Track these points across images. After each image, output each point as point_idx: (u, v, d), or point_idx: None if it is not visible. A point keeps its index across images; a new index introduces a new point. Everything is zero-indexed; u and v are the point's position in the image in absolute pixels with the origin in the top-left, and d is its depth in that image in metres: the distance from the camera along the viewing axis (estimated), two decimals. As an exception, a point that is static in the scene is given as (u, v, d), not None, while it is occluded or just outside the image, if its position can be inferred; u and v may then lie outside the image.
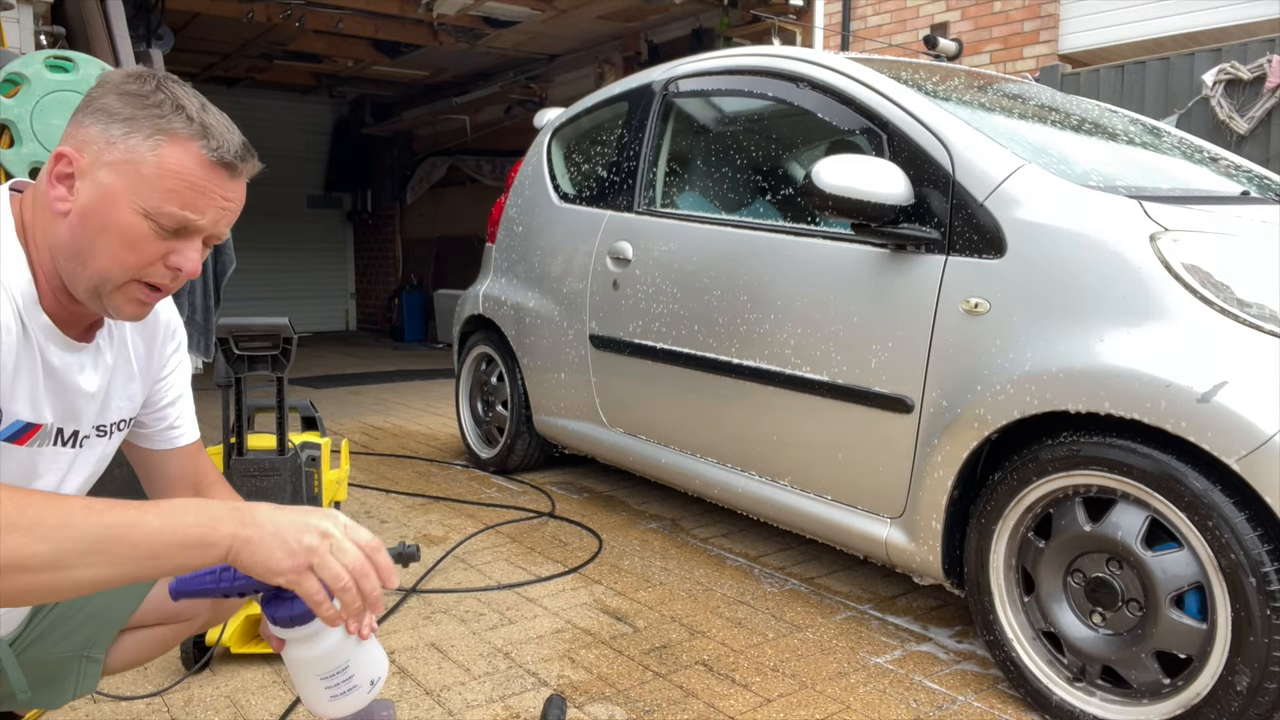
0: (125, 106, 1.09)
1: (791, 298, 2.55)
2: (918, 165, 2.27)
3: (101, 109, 1.10)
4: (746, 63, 2.99)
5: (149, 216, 1.09)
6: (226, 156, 1.12)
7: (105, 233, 1.09)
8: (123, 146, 1.08)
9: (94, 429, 1.27)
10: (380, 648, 1.21)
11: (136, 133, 1.09)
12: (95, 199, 1.09)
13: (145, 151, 1.08)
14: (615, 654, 2.25)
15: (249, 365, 2.18)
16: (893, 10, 7.10)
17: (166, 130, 1.09)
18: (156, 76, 1.13)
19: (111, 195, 1.09)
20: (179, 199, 1.10)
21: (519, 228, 3.89)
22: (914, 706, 2.01)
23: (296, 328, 2.21)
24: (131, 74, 1.13)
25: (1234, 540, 1.64)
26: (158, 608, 1.48)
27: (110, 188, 1.09)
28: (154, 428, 1.41)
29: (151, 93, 1.10)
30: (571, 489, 3.77)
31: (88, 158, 1.09)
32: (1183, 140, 2.95)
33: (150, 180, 1.08)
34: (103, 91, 1.12)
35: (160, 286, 1.15)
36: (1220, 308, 1.73)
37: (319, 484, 2.23)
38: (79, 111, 1.12)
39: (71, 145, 1.10)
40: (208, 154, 1.10)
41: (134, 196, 1.09)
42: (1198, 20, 5.64)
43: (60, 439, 1.22)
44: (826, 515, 2.49)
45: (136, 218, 1.09)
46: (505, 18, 7.32)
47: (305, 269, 11.88)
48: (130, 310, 1.16)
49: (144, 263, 1.11)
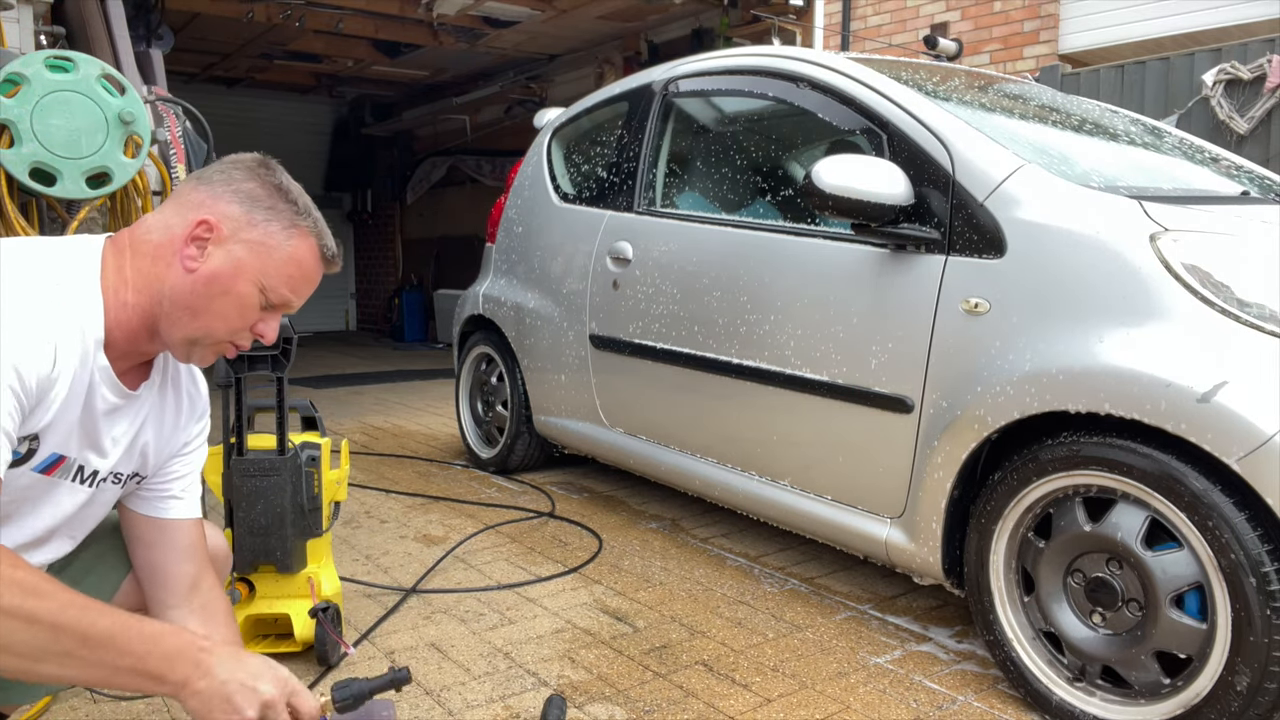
0: (268, 196, 1.27)
1: (791, 297, 2.54)
2: (918, 165, 2.27)
3: (246, 194, 1.26)
4: (746, 63, 2.99)
5: (264, 291, 1.26)
6: (330, 254, 1.32)
7: (225, 297, 1.25)
8: (263, 230, 1.25)
9: (111, 474, 1.33)
10: None
11: (276, 221, 1.26)
12: (226, 266, 1.24)
13: (281, 239, 1.26)
14: (615, 654, 2.25)
15: (249, 365, 2.18)
16: (893, 10, 7.10)
17: (299, 226, 1.28)
18: (275, 170, 1.32)
19: (241, 267, 1.24)
20: (292, 284, 1.28)
21: (519, 228, 3.89)
22: (914, 706, 2.01)
23: (296, 328, 2.21)
24: (262, 164, 1.31)
25: (1234, 540, 1.64)
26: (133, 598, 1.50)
27: (242, 261, 1.24)
28: (154, 492, 1.44)
29: (287, 189, 1.29)
30: (571, 489, 3.77)
31: (227, 230, 1.24)
32: (1183, 140, 2.95)
33: (278, 263, 1.26)
34: (244, 175, 1.28)
35: (240, 347, 1.32)
36: (1220, 308, 1.73)
37: (319, 484, 2.23)
38: (208, 184, 1.27)
39: (212, 215, 1.24)
40: (324, 251, 1.31)
41: (258, 273, 1.25)
42: (1198, 20, 5.64)
43: (80, 476, 1.29)
44: (826, 515, 2.49)
45: (254, 290, 1.26)
46: (505, 18, 7.32)
47: (305, 269, 11.86)
48: (209, 358, 1.32)
49: (242, 327, 1.28)
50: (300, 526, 2.18)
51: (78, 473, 1.28)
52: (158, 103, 3.35)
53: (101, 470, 1.31)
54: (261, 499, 2.13)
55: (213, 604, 1.45)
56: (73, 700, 1.96)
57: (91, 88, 2.71)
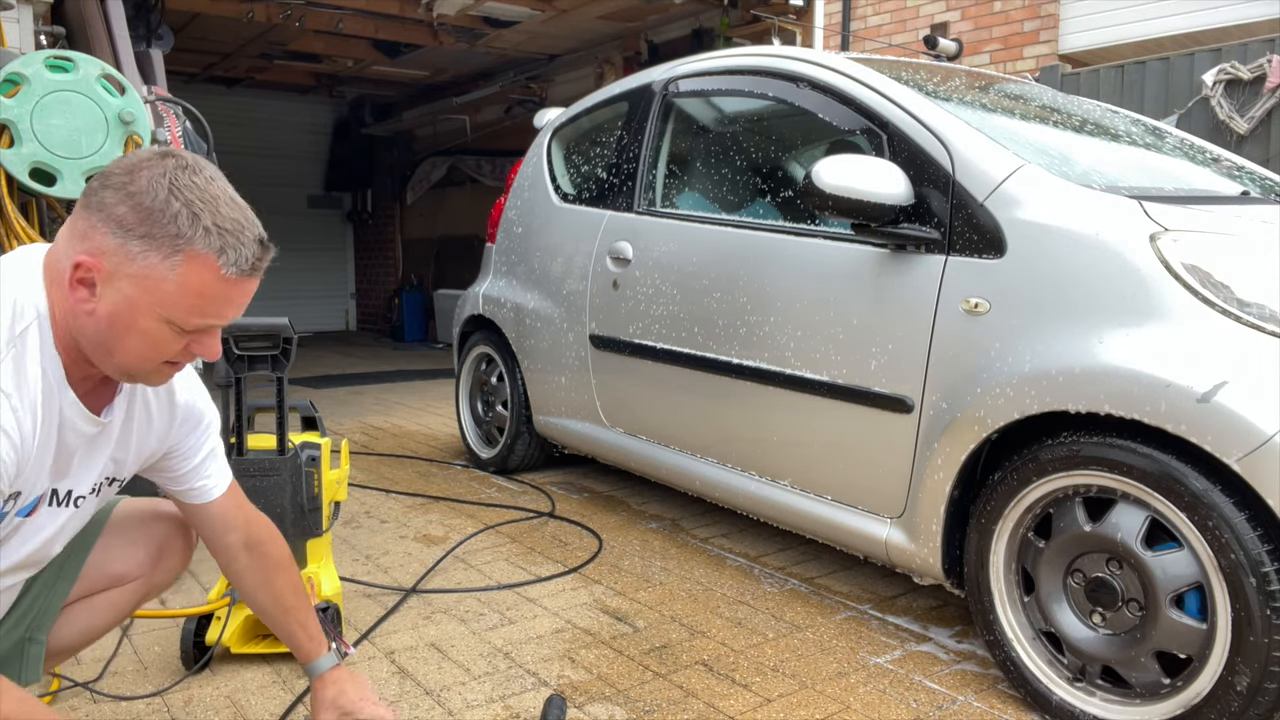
0: (140, 222, 1.09)
1: (791, 298, 2.54)
2: (918, 165, 2.27)
3: (116, 220, 1.09)
4: (746, 63, 2.99)
5: (171, 323, 1.14)
6: (244, 268, 1.14)
7: (130, 334, 1.14)
8: (141, 263, 1.10)
9: (90, 490, 1.32)
10: None
11: (154, 251, 1.09)
12: (119, 306, 1.12)
13: (165, 271, 1.10)
14: (615, 654, 2.25)
15: (249, 365, 2.18)
16: (893, 10, 7.10)
17: (185, 249, 1.10)
18: (169, 174, 1.11)
19: (134, 305, 1.12)
20: (200, 311, 1.14)
21: (519, 228, 3.89)
22: (914, 706, 2.01)
23: (296, 328, 2.21)
24: (141, 171, 1.11)
25: (1234, 540, 1.64)
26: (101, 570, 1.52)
27: (133, 299, 1.11)
28: (179, 487, 1.48)
29: (165, 204, 1.09)
30: (571, 489, 3.77)
31: (108, 266, 1.11)
32: (1183, 140, 2.95)
33: (172, 297, 1.11)
34: (116, 198, 1.10)
35: (182, 363, 1.22)
36: (1220, 308, 1.73)
37: (319, 484, 2.23)
38: (89, 209, 1.12)
39: (87, 253, 1.11)
40: (227, 270, 1.12)
41: (156, 308, 1.12)
42: (1198, 20, 5.63)
43: (56, 500, 1.27)
44: (827, 515, 2.49)
45: (160, 324, 1.13)
46: (505, 18, 7.32)
47: (305, 269, 11.87)
48: (157, 381, 1.24)
49: (167, 356, 1.18)
50: (300, 526, 2.18)
51: (52, 497, 1.26)
52: (158, 103, 3.35)
53: (78, 489, 1.30)
54: (261, 499, 2.13)
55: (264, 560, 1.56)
56: (73, 700, 1.96)
57: (91, 88, 2.71)
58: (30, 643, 1.44)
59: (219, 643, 2.10)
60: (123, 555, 1.54)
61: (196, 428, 1.45)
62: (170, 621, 2.39)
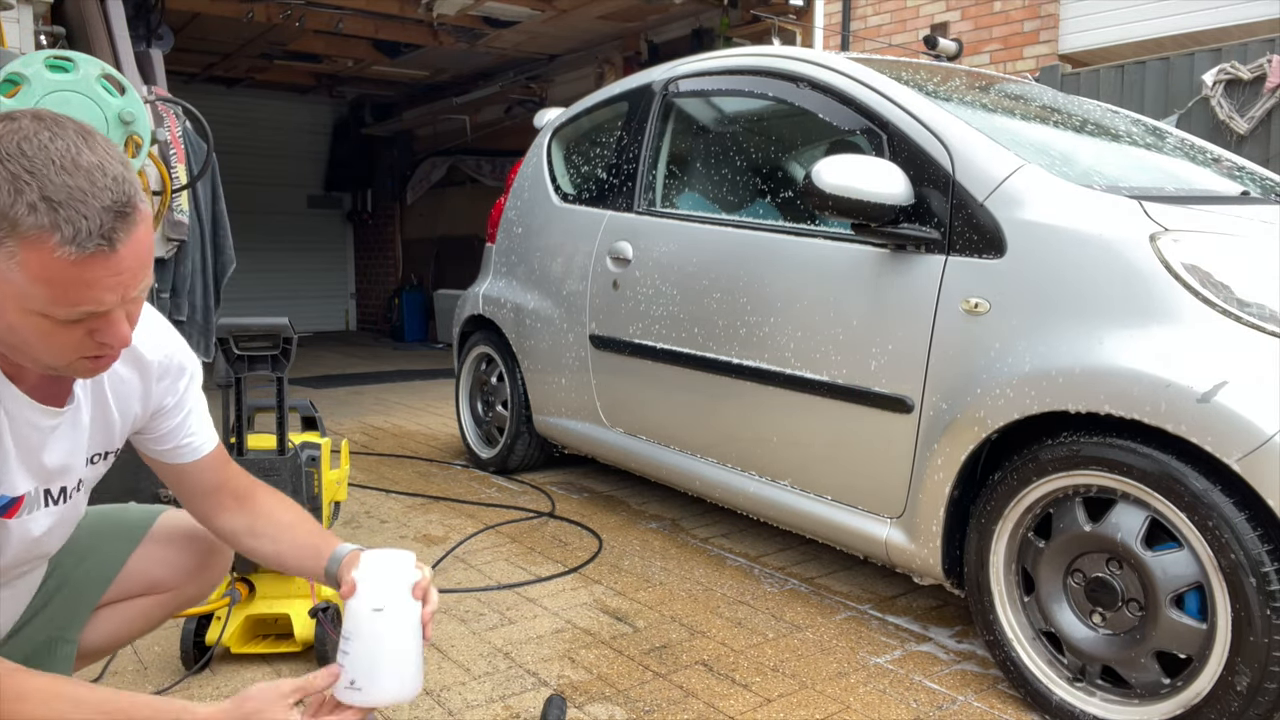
0: None
1: (791, 297, 2.54)
2: (918, 165, 2.27)
3: None
4: (746, 63, 2.99)
5: (44, 315, 0.99)
6: (89, 245, 0.95)
7: (14, 334, 1.01)
8: None
9: (76, 482, 1.27)
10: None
11: None
12: None
13: (4, 260, 0.94)
14: (615, 654, 2.25)
15: (249, 365, 2.18)
16: (893, 10, 7.10)
17: (14, 235, 0.93)
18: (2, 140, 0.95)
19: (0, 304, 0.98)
20: (63, 301, 0.97)
21: (519, 228, 3.89)
22: (914, 706, 2.01)
23: (296, 328, 2.21)
24: None
25: (1234, 540, 1.64)
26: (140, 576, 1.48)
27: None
28: (164, 445, 1.40)
29: None
30: (571, 489, 3.77)
31: None
32: (1183, 141, 2.95)
33: (26, 290, 0.96)
34: None
35: (103, 355, 1.07)
36: (1220, 308, 1.73)
37: (319, 484, 2.23)
38: None
39: None
40: (64, 252, 0.94)
41: (19, 302, 0.97)
42: (1198, 20, 5.63)
43: (49, 499, 1.23)
44: (827, 515, 2.49)
45: (33, 318, 0.99)
46: (505, 18, 7.32)
47: (305, 269, 11.88)
48: (89, 372, 1.11)
49: (70, 346, 1.03)
50: (300, 526, 2.18)
51: (45, 497, 1.22)
52: (158, 103, 3.35)
53: (68, 482, 1.25)
54: (261, 499, 2.13)
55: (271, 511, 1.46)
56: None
57: (91, 88, 2.71)
58: (61, 642, 1.43)
59: (219, 643, 2.10)
60: (163, 564, 1.51)
61: (179, 379, 1.36)
62: (170, 621, 2.39)
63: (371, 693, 1.20)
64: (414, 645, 1.24)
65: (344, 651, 1.21)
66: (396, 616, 1.22)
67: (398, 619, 1.22)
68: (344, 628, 1.22)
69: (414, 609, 1.24)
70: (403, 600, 1.23)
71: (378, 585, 1.23)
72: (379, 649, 1.21)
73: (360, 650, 1.21)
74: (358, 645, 1.21)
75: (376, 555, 1.27)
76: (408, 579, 1.24)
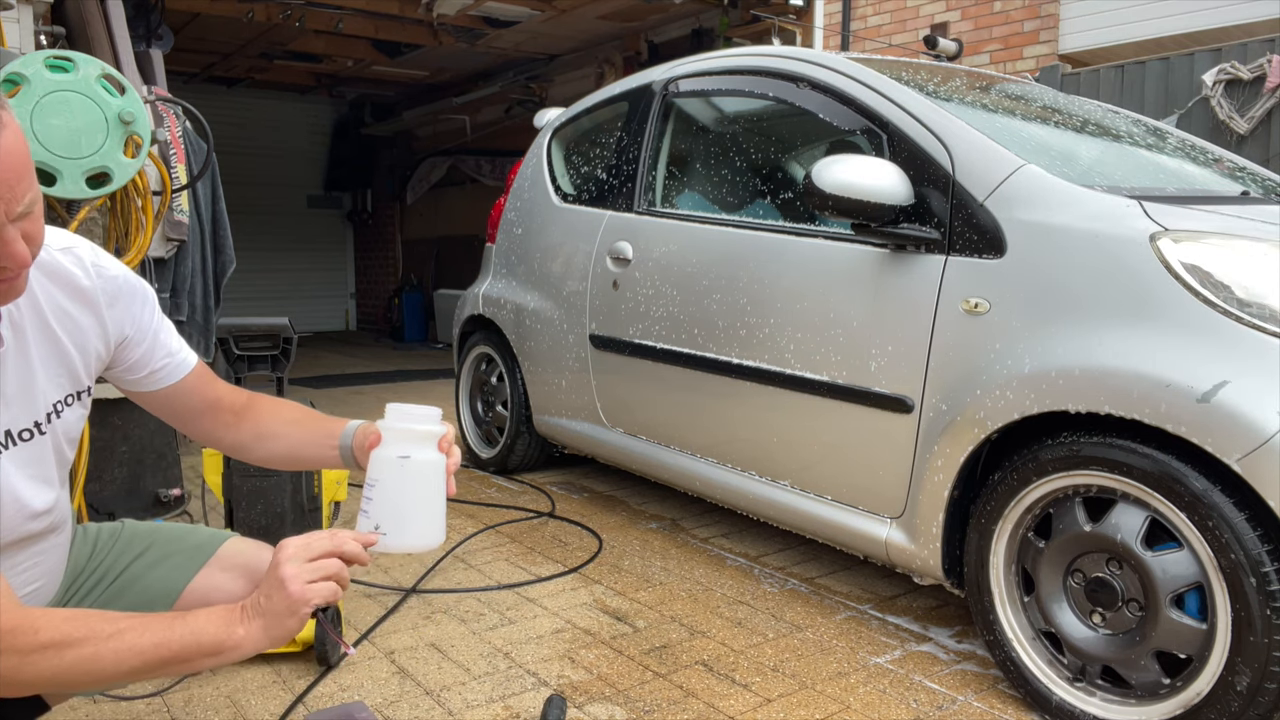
0: None
1: (792, 298, 2.54)
2: (918, 165, 2.27)
3: None
4: (746, 63, 2.99)
5: None
6: None
7: None
8: None
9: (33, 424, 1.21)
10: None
11: None
12: None
13: None
14: (615, 654, 2.25)
15: (249, 365, 2.18)
16: (893, 10, 7.10)
17: None
18: None
19: None
20: None
21: (519, 228, 3.89)
22: (914, 706, 2.01)
23: (296, 328, 2.21)
24: None
25: (1234, 540, 1.64)
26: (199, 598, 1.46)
27: None
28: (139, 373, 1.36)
29: None
30: (571, 489, 3.77)
31: None
32: (1183, 141, 2.95)
33: None
34: None
35: (3, 279, 1.03)
36: (1220, 308, 1.73)
37: (319, 484, 2.23)
38: None
39: None
40: None
41: None
42: (1198, 20, 5.63)
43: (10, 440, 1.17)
44: (827, 515, 2.49)
45: None
46: (505, 18, 7.32)
47: (305, 269, 11.88)
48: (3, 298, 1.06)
49: None
50: (300, 527, 2.18)
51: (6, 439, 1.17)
52: (158, 103, 3.35)
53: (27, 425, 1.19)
54: (261, 499, 2.14)
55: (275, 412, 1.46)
56: (73, 700, 1.96)
57: (91, 88, 2.71)
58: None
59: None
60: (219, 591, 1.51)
61: (132, 304, 1.32)
62: (170, 621, 2.39)
63: (396, 538, 1.21)
64: (438, 495, 1.24)
65: (368, 498, 1.21)
66: (422, 464, 1.22)
67: (423, 466, 1.22)
68: (369, 475, 1.22)
69: (439, 459, 1.24)
70: (428, 449, 1.23)
71: (404, 434, 1.23)
72: (404, 496, 1.21)
73: (385, 497, 1.21)
74: (381, 492, 1.21)
75: (403, 407, 1.27)
76: (434, 431, 1.25)
